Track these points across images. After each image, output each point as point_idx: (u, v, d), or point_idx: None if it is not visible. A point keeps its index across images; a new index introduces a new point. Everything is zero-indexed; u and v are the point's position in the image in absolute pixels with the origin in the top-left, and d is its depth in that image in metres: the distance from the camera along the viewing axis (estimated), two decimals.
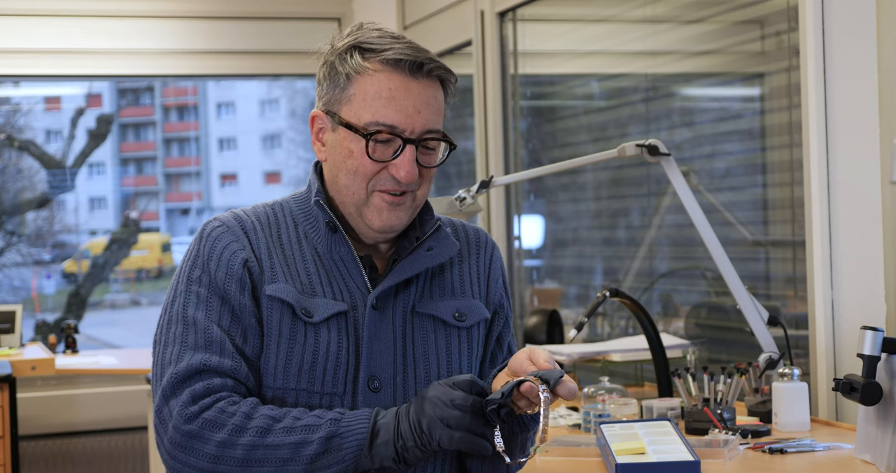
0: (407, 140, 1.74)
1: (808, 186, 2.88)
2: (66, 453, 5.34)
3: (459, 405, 1.61)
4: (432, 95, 1.76)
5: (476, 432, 1.62)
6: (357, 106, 1.75)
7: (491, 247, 1.94)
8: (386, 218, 1.77)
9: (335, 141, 1.78)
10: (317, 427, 1.66)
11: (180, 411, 1.68)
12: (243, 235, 1.78)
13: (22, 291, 6.51)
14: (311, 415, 1.68)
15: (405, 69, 1.73)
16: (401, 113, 1.73)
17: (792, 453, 2.42)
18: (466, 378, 1.64)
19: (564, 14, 4.60)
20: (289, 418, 1.68)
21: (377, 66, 1.74)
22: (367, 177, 1.75)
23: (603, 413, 2.75)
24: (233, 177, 7.72)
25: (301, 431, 1.66)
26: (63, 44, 5.37)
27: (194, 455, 1.67)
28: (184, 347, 1.72)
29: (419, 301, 1.82)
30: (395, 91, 1.73)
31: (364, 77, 1.74)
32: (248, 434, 1.66)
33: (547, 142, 4.77)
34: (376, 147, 1.74)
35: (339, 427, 1.66)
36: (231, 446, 1.66)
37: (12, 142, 6.29)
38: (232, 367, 1.71)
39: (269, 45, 5.62)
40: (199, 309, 1.74)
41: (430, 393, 1.64)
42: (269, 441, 1.66)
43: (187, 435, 1.67)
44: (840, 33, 2.83)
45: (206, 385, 1.69)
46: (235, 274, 1.75)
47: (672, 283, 4.01)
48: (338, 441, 1.65)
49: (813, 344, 2.90)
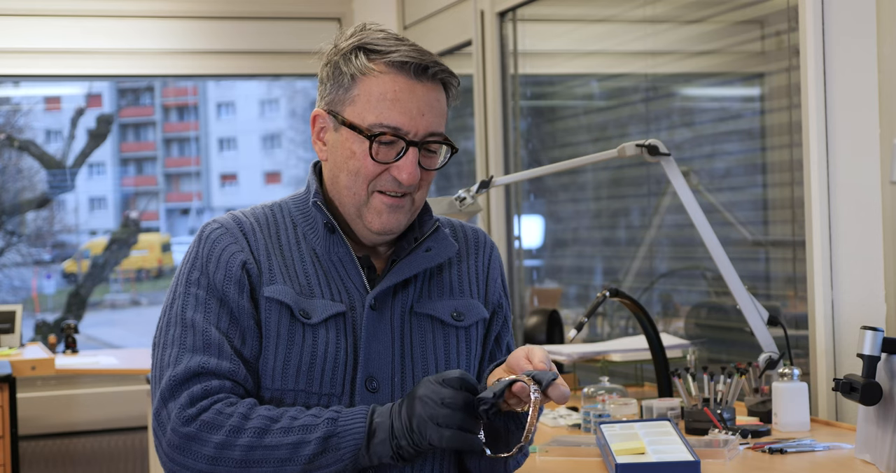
0: (410, 142, 1.74)
1: (808, 186, 2.88)
2: (66, 453, 5.34)
3: (449, 403, 1.61)
4: (436, 98, 1.76)
5: (467, 429, 1.61)
6: (361, 107, 1.74)
7: (490, 247, 1.94)
8: (385, 220, 1.77)
9: (337, 141, 1.78)
10: (314, 426, 1.66)
11: (178, 413, 1.68)
12: (242, 237, 1.78)
13: (22, 291, 6.51)
14: (307, 414, 1.68)
15: (410, 72, 1.73)
16: (405, 115, 1.73)
17: (792, 453, 2.42)
18: (456, 375, 1.63)
19: (564, 14, 4.60)
20: (286, 418, 1.68)
21: (382, 67, 1.74)
22: (368, 178, 1.75)
23: (603, 413, 2.75)
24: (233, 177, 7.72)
25: (298, 431, 1.66)
26: (63, 44, 5.37)
27: (192, 457, 1.67)
28: (182, 349, 1.72)
29: (417, 301, 1.82)
30: (400, 93, 1.73)
31: (369, 78, 1.74)
32: (246, 435, 1.66)
33: (547, 142, 4.77)
34: (380, 148, 1.74)
35: (337, 426, 1.66)
36: (229, 447, 1.66)
37: (12, 142, 6.29)
38: (230, 369, 1.71)
39: (269, 45, 5.62)
40: (198, 311, 1.74)
41: (420, 391, 1.63)
42: (267, 442, 1.66)
43: (185, 437, 1.67)
44: (840, 33, 2.83)
45: (204, 387, 1.69)
46: (234, 276, 1.75)
47: (672, 283, 4.01)
48: (335, 441, 1.65)
49: (813, 344, 2.90)
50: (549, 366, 1.62)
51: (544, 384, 1.58)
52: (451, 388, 1.62)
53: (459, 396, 1.61)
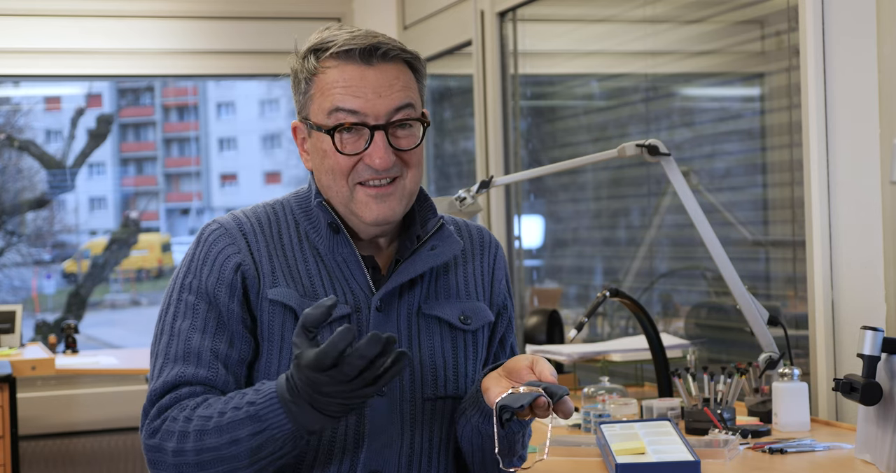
0: (374, 127, 1.71)
1: (808, 186, 2.88)
2: (66, 453, 5.34)
3: (327, 391, 1.51)
4: (394, 77, 1.73)
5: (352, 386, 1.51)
6: (318, 102, 1.74)
7: (495, 247, 1.92)
8: (376, 210, 1.74)
9: (314, 146, 1.77)
10: (239, 422, 1.61)
11: (147, 426, 1.69)
12: (241, 238, 1.77)
13: (22, 291, 6.51)
14: (231, 408, 1.63)
15: (356, 58, 1.71)
16: (360, 98, 1.71)
17: (792, 453, 2.42)
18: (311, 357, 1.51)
19: (564, 14, 4.60)
20: (216, 415, 1.64)
21: (330, 62, 1.73)
22: (344, 173, 1.74)
23: (603, 413, 2.74)
24: (233, 177, 7.73)
25: (228, 429, 1.62)
26: (63, 44, 5.37)
27: (161, 467, 1.68)
28: (165, 360, 1.72)
29: (424, 302, 1.80)
30: (350, 80, 1.71)
31: (320, 75, 1.73)
32: (191, 439, 1.64)
33: (547, 142, 4.77)
34: (344, 140, 1.72)
35: (262, 422, 1.59)
36: (182, 453, 1.65)
37: (12, 142, 6.29)
38: (206, 377, 1.70)
39: (269, 45, 5.61)
40: (186, 317, 1.73)
41: (299, 382, 1.54)
42: (209, 444, 1.63)
43: (151, 450, 1.68)
44: (840, 33, 2.83)
45: (173, 396, 1.69)
46: (226, 279, 1.74)
47: (672, 283, 4.01)
48: (269, 433, 1.59)
49: (813, 344, 2.90)
50: (555, 380, 1.62)
51: (556, 399, 1.59)
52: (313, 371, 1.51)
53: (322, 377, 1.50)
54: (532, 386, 1.60)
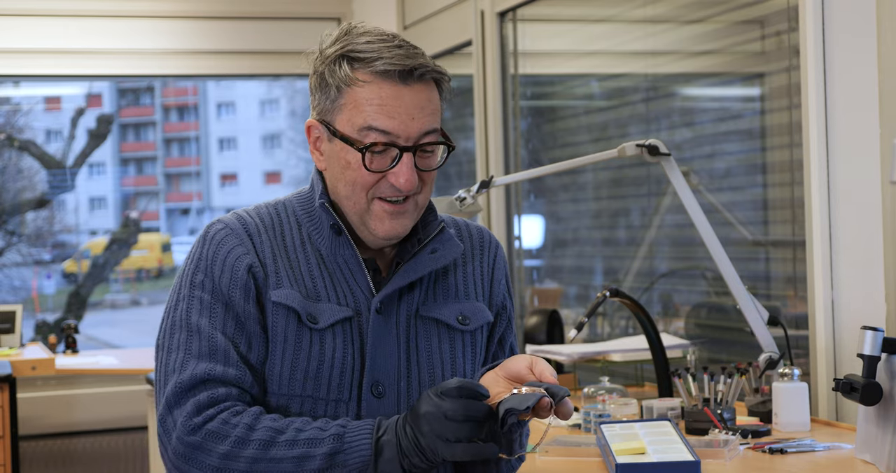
0: (403, 148, 1.71)
1: (808, 186, 2.88)
2: (66, 453, 5.34)
3: (452, 416, 1.57)
4: (426, 99, 1.73)
5: (477, 439, 1.58)
6: (349, 117, 1.72)
7: (495, 247, 1.92)
8: (389, 226, 1.74)
9: (332, 151, 1.76)
10: (319, 441, 1.63)
11: (184, 422, 1.66)
12: (247, 239, 1.76)
13: (22, 291, 6.51)
14: (313, 427, 1.65)
15: (395, 78, 1.70)
16: (394, 121, 1.70)
17: (792, 453, 2.42)
18: (454, 385, 1.59)
19: (564, 14, 4.60)
20: (291, 430, 1.65)
21: (367, 76, 1.71)
22: (366, 188, 1.73)
23: (603, 413, 2.75)
24: (233, 177, 7.72)
25: (304, 445, 1.63)
26: (63, 44, 5.37)
27: (198, 466, 1.66)
28: (188, 355, 1.70)
29: (423, 304, 1.80)
30: (386, 99, 1.70)
31: (354, 88, 1.71)
32: (251, 446, 1.64)
33: (547, 142, 4.77)
34: (373, 158, 1.72)
35: (343, 443, 1.63)
36: (234, 458, 1.64)
37: (12, 142, 6.28)
38: (236, 376, 1.69)
39: (269, 45, 5.62)
40: (203, 315, 1.72)
41: (423, 408, 1.59)
42: (272, 455, 1.64)
43: (191, 447, 1.66)
44: (840, 33, 2.83)
45: (211, 395, 1.67)
46: (240, 280, 1.73)
47: (672, 283, 4.01)
48: (342, 458, 1.62)
49: (813, 344, 2.90)
50: (555, 381, 1.62)
51: (557, 400, 1.59)
52: (451, 399, 1.58)
53: (460, 406, 1.57)
54: (532, 386, 1.60)
